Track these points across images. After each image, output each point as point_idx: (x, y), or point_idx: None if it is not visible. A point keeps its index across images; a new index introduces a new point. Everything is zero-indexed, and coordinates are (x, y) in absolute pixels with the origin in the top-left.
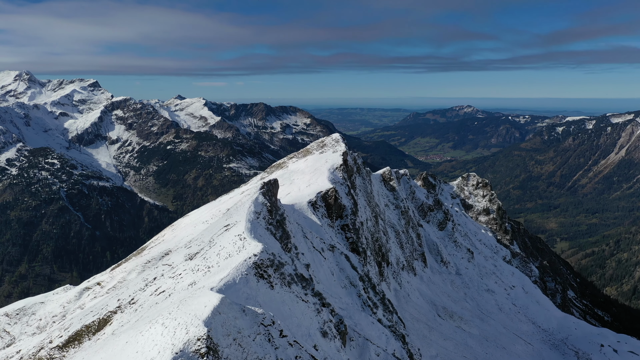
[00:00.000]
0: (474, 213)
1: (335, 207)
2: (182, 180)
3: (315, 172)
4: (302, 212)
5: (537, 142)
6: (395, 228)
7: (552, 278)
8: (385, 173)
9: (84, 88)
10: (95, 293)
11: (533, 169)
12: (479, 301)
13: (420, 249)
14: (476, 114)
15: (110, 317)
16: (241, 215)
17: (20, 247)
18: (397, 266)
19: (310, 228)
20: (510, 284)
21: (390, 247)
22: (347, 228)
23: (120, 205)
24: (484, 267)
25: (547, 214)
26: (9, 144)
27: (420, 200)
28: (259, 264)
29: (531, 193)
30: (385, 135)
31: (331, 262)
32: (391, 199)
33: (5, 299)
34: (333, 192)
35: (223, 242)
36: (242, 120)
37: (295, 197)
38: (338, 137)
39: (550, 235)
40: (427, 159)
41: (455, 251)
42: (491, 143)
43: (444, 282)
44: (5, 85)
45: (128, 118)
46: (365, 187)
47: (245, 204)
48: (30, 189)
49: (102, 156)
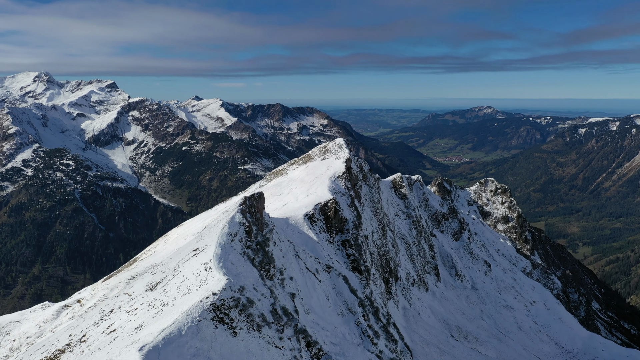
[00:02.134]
0: (492, 221)
1: (335, 221)
2: (197, 181)
3: (315, 180)
4: (297, 226)
5: (558, 144)
6: (405, 239)
7: (575, 289)
8: (396, 180)
9: (101, 89)
10: (74, 312)
11: (554, 172)
12: (497, 319)
13: (433, 262)
14: (496, 115)
15: (57, 357)
16: (212, 238)
17: (34, 248)
18: (406, 282)
19: (305, 245)
20: (530, 299)
21: (399, 260)
22: (348, 244)
23: (134, 206)
24: (502, 281)
25: (568, 217)
26: (25, 144)
27: (433, 208)
28: (219, 305)
29: (552, 196)
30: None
31: (327, 285)
32: (402, 207)
33: (19, 300)
34: (333, 203)
35: (187, 271)
36: (259, 121)
37: (292, 208)
38: (341, 143)
39: (572, 239)
40: (445, 160)
41: (471, 263)
42: (511, 144)
43: (458, 297)
44: (25, 86)
45: (144, 119)
46: (372, 196)
47: (220, 223)
48: (45, 190)
49: (118, 157)
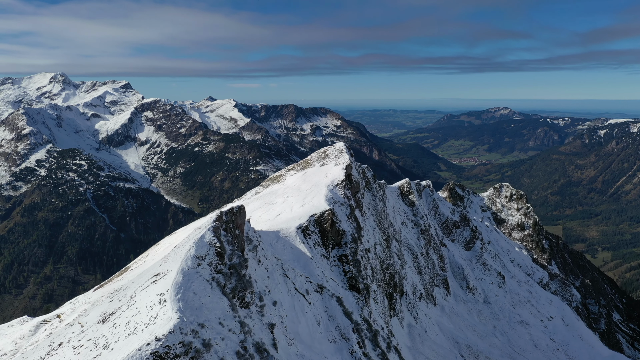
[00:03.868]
0: (506, 228)
1: (331, 234)
2: (209, 182)
3: (312, 188)
4: (289, 240)
5: (577, 146)
6: (412, 250)
7: (595, 300)
8: (404, 186)
9: (115, 90)
10: (52, 328)
11: (573, 174)
12: (511, 336)
13: (443, 274)
14: (513, 116)
15: None
16: (176, 262)
17: (46, 248)
18: (413, 296)
19: (296, 262)
20: (547, 314)
21: (405, 273)
22: (345, 259)
23: (146, 207)
24: (517, 294)
25: (587, 221)
26: (39, 145)
27: (444, 215)
28: (162, 355)
29: (570, 199)
30: (418, 138)
31: (318, 308)
32: (409, 215)
33: (30, 300)
34: (329, 214)
35: (141, 302)
36: (272, 121)
37: (285, 219)
38: (342, 147)
39: (590, 244)
40: (460, 162)
41: (483, 275)
42: (528, 146)
43: (469, 312)
44: (41, 87)
45: (157, 119)
46: (376, 205)
47: (188, 242)
48: (58, 190)
49: (131, 157)
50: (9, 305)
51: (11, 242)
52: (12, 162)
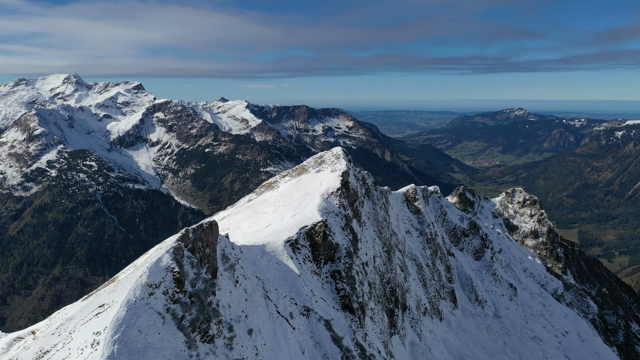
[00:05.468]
0: (519, 236)
1: (324, 247)
2: (219, 183)
3: (305, 197)
4: (276, 255)
5: (593, 147)
6: (417, 261)
7: (612, 310)
8: (409, 192)
9: (128, 90)
10: (25, 345)
11: (589, 176)
12: (523, 353)
13: (450, 286)
14: (528, 116)
15: None
16: (122, 292)
17: (55, 249)
18: (416, 311)
19: (283, 280)
20: (562, 329)
21: (409, 286)
22: (338, 276)
23: (155, 208)
24: (529, 307)
25: (604, 224)
26: (50, 145)
27: (452, 223)
28: None
29: (586, 202)
30: (431, 139)
31: (303, 334)
32: (415, 223)
33: (39, 301)
34: (322, 226)
35: (76, 342)
36: (284, 122)
37: (274, 231)
38: (339, 152)
39: (607, 248)
40: (474, 163)
41: (494, 286)
42: (543, 147)
43: (477, 327)
44: (55, 87)
45: (168, 120)
46: (377, 214)
47: (142, 267)
48: (68, 191)
49: (142, 158)
50: (18, 306)
51: (21, 242)
52: (24, 162)
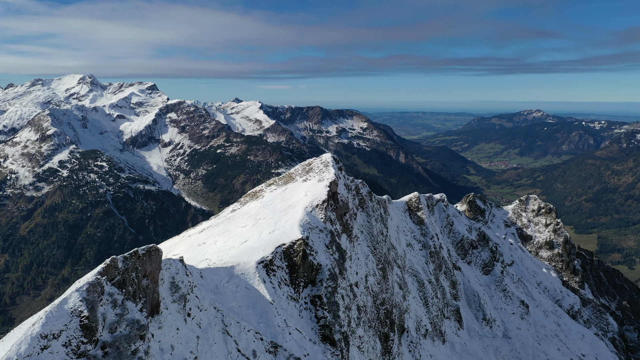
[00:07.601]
0: (533, 246)
1: (303, 269)
2: (230, 185)
3: (288, 209)
4: (246, 279)
5: (614, 150)
6: (418, 277)
7: (634, 326)
8: (412, 200)
9: (142, 91)
10: None
11: (609, 180)
12: None
13: (455, 303)
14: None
15: None
16: (8, 343)
17: (65, 249)
18: (416, 333)
19: (251, 308)
20: (578, 351)
21: (408, 305)
22: (319, 302)
23: (165, 209)
24: (542, 327)
25: (624, 230)
26: (62, 145)
27: (459, 234)
28: None
29: (606, 206)
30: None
31: None
32: (417, 235)
33: (48, 302)
34: (301, 245)
35: None
36: (297, 123)
37: (249, 248)
38: (328, 160)
39: (627, 254)
40: (490, 165)
41: (503, 304)
42: (562, 150)
43: (485, 350)
44: (70, 88)
45: (181, 121)
46: (372, 228)
47: (40, 312)
48: (79, 192)
49: (154, 159)
50: (26, 306)
51: (31, 242)
52: (36, 162)
